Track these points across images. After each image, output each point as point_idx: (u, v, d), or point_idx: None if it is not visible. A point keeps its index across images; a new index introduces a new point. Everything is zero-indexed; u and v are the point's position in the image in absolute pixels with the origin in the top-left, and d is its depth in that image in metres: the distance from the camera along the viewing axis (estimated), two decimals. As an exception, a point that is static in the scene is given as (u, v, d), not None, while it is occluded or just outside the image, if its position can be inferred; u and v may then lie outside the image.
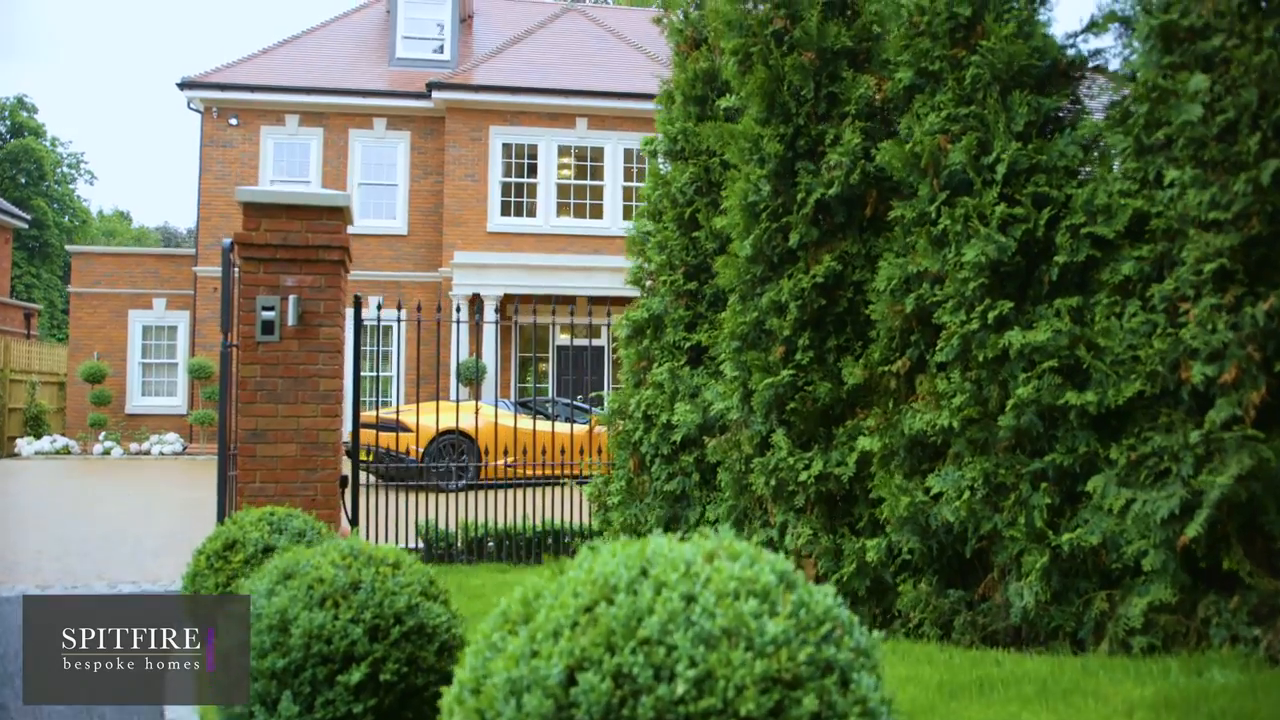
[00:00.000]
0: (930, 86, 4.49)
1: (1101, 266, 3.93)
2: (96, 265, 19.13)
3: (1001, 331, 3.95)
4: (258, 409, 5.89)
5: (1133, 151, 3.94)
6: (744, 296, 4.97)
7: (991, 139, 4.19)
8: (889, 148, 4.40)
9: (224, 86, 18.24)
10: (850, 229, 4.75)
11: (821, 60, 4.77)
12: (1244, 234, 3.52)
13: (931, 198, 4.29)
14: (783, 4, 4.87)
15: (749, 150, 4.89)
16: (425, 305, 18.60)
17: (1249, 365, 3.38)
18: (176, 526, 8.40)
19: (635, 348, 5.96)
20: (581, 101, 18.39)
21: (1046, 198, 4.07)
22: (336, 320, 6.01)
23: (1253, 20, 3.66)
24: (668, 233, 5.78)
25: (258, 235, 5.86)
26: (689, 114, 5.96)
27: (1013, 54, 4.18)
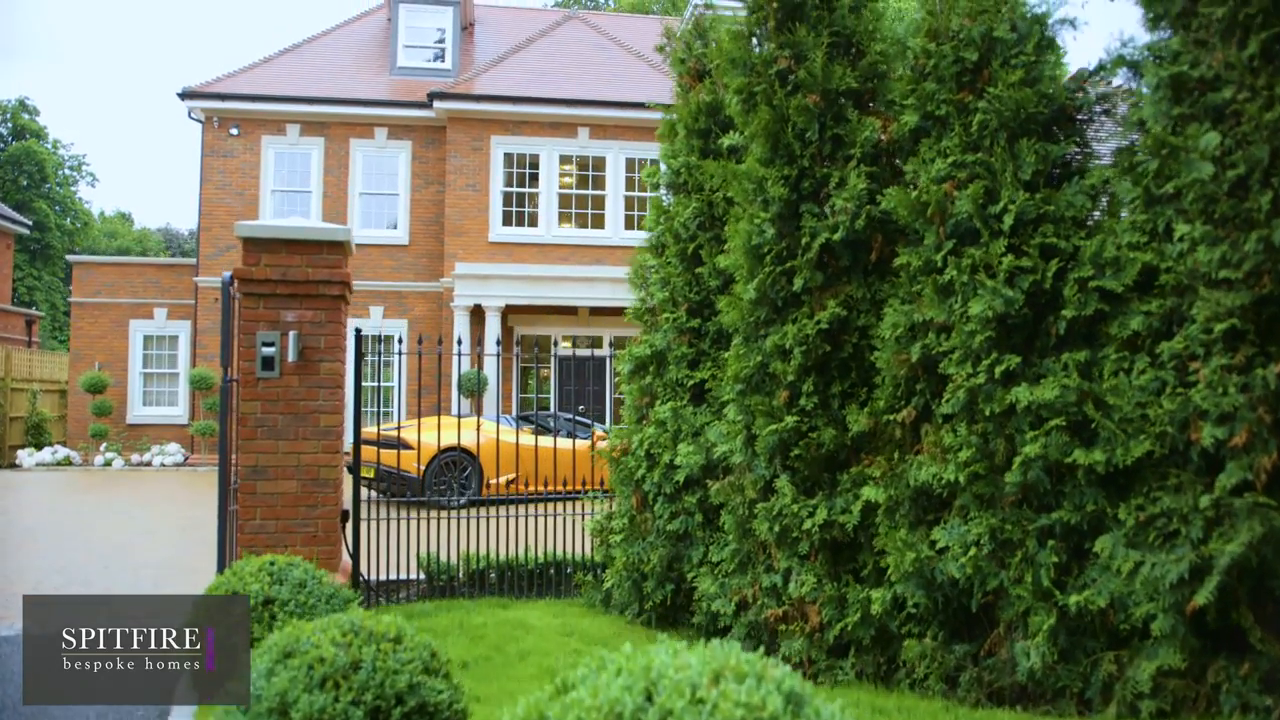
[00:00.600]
0: (936, 130, 4.46)
1: (1110, 320, 3.89)
2: (97, 275, 19.10)
3: (1009, 387, 3.91)
4: (258, 445, 5.85)
5: (1142, 202, 3.89)
6: (748, 338, 4.93)
7: (999, 188, 4.15)
8: (895, 194, 4.36)
9: (225, 96, 18.20)
10: (855, 272, 4.71)
11: (826, 101, 4.73)
12: (1255, 293, 3.47)
13: (938, 246, 4.25)
14: (787, 44, 4.83)
15: (753, 191, 4.85)
16: (426, 316, 18.57)
17: (1260, 429, 3.34)
18: (177, 552, 8.36)
19: (638, 383, 5.92)
20: (583, 111, 18.34)
21: (1054, 249, 4.03)
22: (337, 355, 5.97)
23: (1264, 74, 3.62)
24: (670, 269, 5.74)
25: (257, 270, 5.82)
26: (692, 147, 5.92)
27: (1020, 101, 4.14)
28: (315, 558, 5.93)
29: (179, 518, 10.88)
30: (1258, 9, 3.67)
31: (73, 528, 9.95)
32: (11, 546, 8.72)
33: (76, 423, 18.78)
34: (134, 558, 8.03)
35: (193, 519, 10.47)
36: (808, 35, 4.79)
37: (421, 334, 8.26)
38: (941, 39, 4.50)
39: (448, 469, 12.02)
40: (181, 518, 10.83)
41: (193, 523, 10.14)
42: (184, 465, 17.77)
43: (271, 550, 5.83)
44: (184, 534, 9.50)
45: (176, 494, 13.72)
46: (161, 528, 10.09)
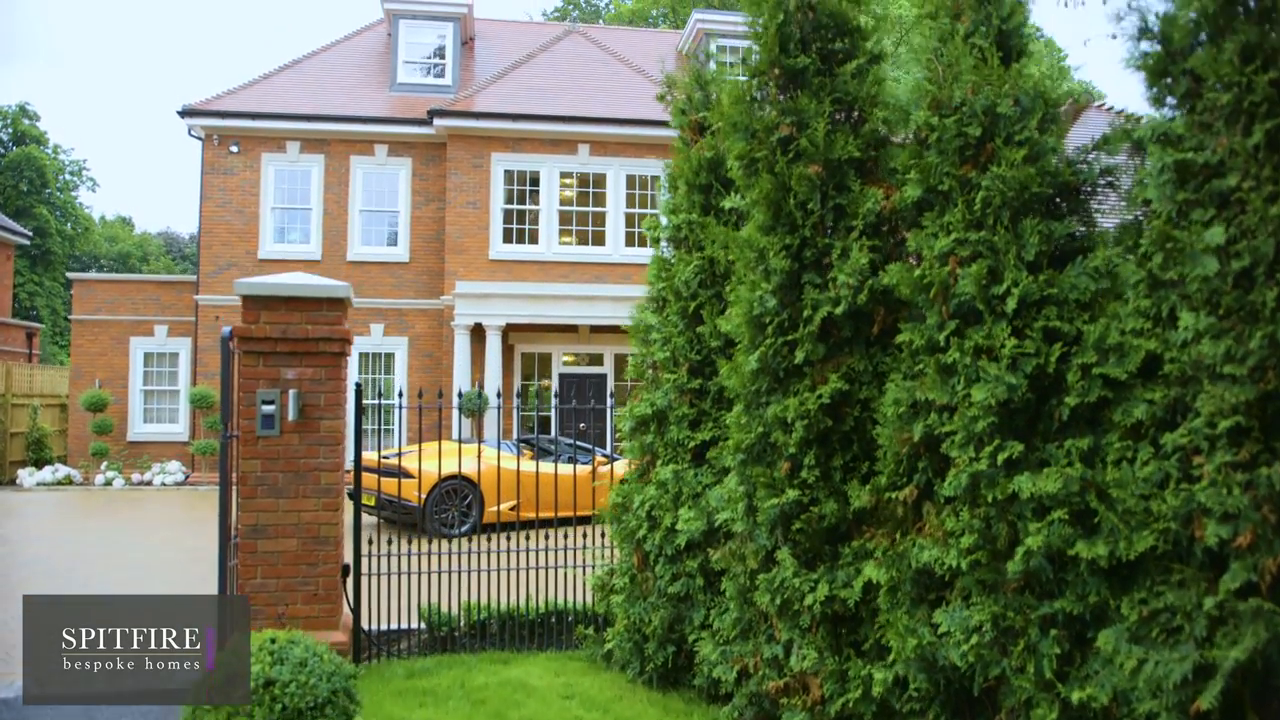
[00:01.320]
0: (939, 204, 4.43)
1: (1113, 406, 3.86)
2: (98, 292, 19.09)
3: (1011, 475, 3.89)
4: (258, 503, 5.85)
5: (1145, 286, 3.87)
6: (749, 406, 4.91)
7: (1002, 268, 4.12)
8: (897, 271, 4.34)
9: (225, 114, 18.19)
10: (857, 343, 4.69)
11: (828, 171, 4.71)
12: (1260, 388, 3.45)
13: (940, 325, 4.23)
14: (789, 110, 4.81)
15: (754, 260, 4.83)
16: (427, 334, 18.55)
17: (1264, 529, 3.32)
18: (179, 591, 8.35)
19: (639, 441, 5.90)
20: (583, 128, 18.32)
21: (1058, 332, 4.01)
22: (337, 413, 5.96)
23: (1268, 165, 3.59)
24: (671, 328, 5.72)
25: (257, 329, 5.81)
26: (693, 203, 5.90)
27: (1023, 181, 4.12)
28: (317, 614, 5.93)
29: (180, 550, 10.86)
30: (1262, 98, 3.64)
31: (70, 562, 9.93)
32: (11, 584, 8.70)
33: (77, 440, 18.78)
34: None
35: (195, 550, 10.46)
36: (810, 103, 4.77)
37: (422, 351, 8.21)
38: (944, 110, 4.48)
39: (449, 497, 12.00)
40: (183, 550, 10.81)
41: (195, 556, 10.12)
42: (184, 484, 17.77)
43: (272, 609, 5.83)
44: (185, 569, 9.49)
45: (177, 518, 13.70)
46: (160, 563, 10.07)
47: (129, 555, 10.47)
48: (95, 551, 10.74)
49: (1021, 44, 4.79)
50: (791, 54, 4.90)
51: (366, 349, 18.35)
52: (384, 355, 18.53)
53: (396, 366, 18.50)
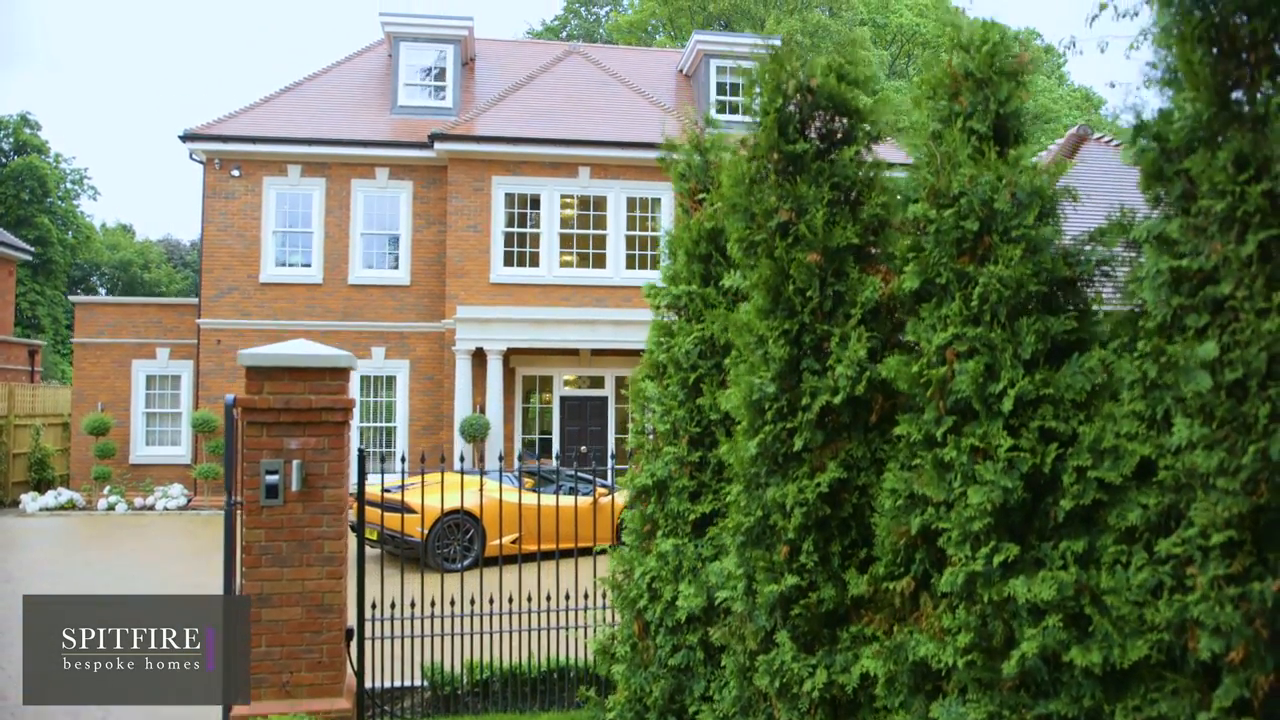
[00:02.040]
0: (937, 295, 4.47)
1: (1108, 509, 3.90)
2: (100, 315, 19.16)
3: (1007, 577, 3.93)
4: (262, 573, 5.89)
5: (1140, 388, 3.91)
6: (749, 487, 4.95)
7: (999, 366, 4.16)
8: (895, 365, 4.38)
9: (226, 138, 18.26)
10: (856, 429, 4.73)
11: (826, 258, 4.75)
12: (1253, 501, 3.49)
13: (937, 420, 4.27)
14: (788, 196, 4.85)
15: (754, 344, 4.87)
16: (428, 356, 18.61)
17: (1256, 645, 3.36)
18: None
19: (639, 509, 5.94)
20: (584, 151, 18.38)
21: (1054, 433, 4.05)
22: (340, 482, 6.01)
23: (1261, 277, 3.63)
24: (671, 400, 5.76)
25: (260, 400, 5.86)
26: (693, 273, 5.94)
27: (1020, 280, 4.16)
28: (320, 681, 5.98)
29: (185, 588, 10.89)
30: (1255, 208, 3.69)
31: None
32: (10, 637, 8.73)
33: (80, 462, 18.84)
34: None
35: (201, 590, 10.49)
36: (809, 189, 4.81)
37: (424, 374, 8.28)
38: (942, 201, 4.51)
39: (451, 532, 12.06)
40: (188, 588, 10.85)
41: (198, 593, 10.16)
42: (186, 508, 17.82)
43: (277, 677, 5.88)
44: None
45: (181, 548, 13.75)
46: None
47: (131, 588, 10.52)
48: (101, 588, 10.78)
49: (1019, 126, 4.83)
50: (790, 138, 4.94)
51: (368, 372, 18.43)
52: (385, 378, 18.58)
53: (398, 389, 18.55)
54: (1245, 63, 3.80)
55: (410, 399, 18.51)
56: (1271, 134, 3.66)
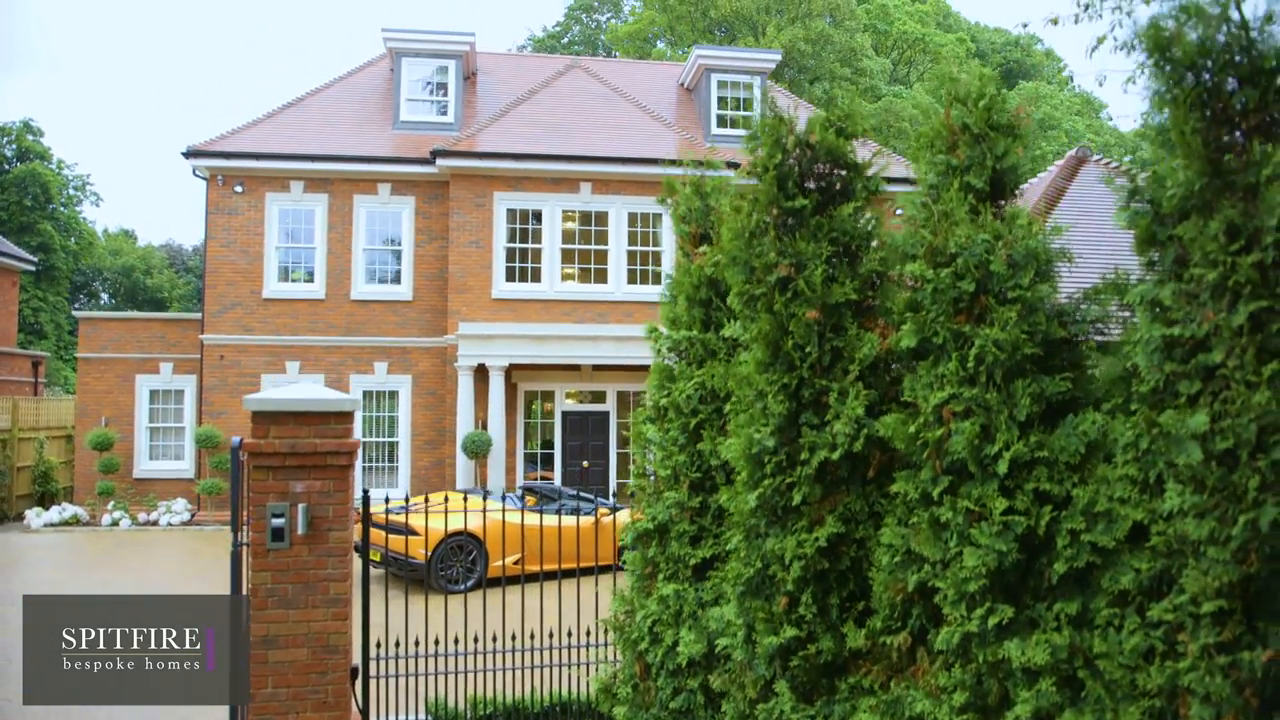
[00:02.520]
0: (934, 353, 4.54)
1: (1102, 571, 3.97)
2: (103, 330, 19.24)
3: (1001, 639, 4.00)
4: (269, 615, 5.96)
5: (1133, 452, 3.98)
6: (749, 537, 5.03)
7: (994, 427, 4.23)
8: (892, 423, 4.45)
9: (229, 155, 18.34)
10: (854, 483, 4.80)
11: (825, 314, 4.82)
12: (1243, 570, 3.56)
13: (934, 479, 4.34)
14: (787, 252, 4.92)
15: (753, 398, 4.94)
16: (430, 371, 18.69)
17: (1247, 714, 3.43)
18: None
19: (640, 552, 6.02)
20: (585, 167, 18.46)
21: (1048, 495, 4.12)
22: (345, 524, 6.08)
23: (1251, 348, 3.70)
24: (672, 445, 5.83)
25: (266, 444, 5.93)
26: (694, 318, 6.02)
27: (1015, 343, 4.23)
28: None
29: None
30: (1246, 279, 3.75)
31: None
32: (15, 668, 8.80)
33: (83, 476, 18.93)
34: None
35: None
36: (807, 245, 4.89)
37: (426, 389, 8.38)
38: (939, 259, 4.59)
39: (454, 553, 12.13)
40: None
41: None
42: (190, 524, 17.90)
43: (283, 718, 5.95)
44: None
45: (186, 567, 13.81)
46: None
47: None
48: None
49: (1016, 180, 4.90)
50: (790, 193, 5.01)
51: (370, 387, 18.51)
52: (388, 393, 18.66)
53: (400, 404, 18.63)
54: (1237, 129, 3.87)
55: (413, 414, 18.59)
56: (1263, 204, 3.73)
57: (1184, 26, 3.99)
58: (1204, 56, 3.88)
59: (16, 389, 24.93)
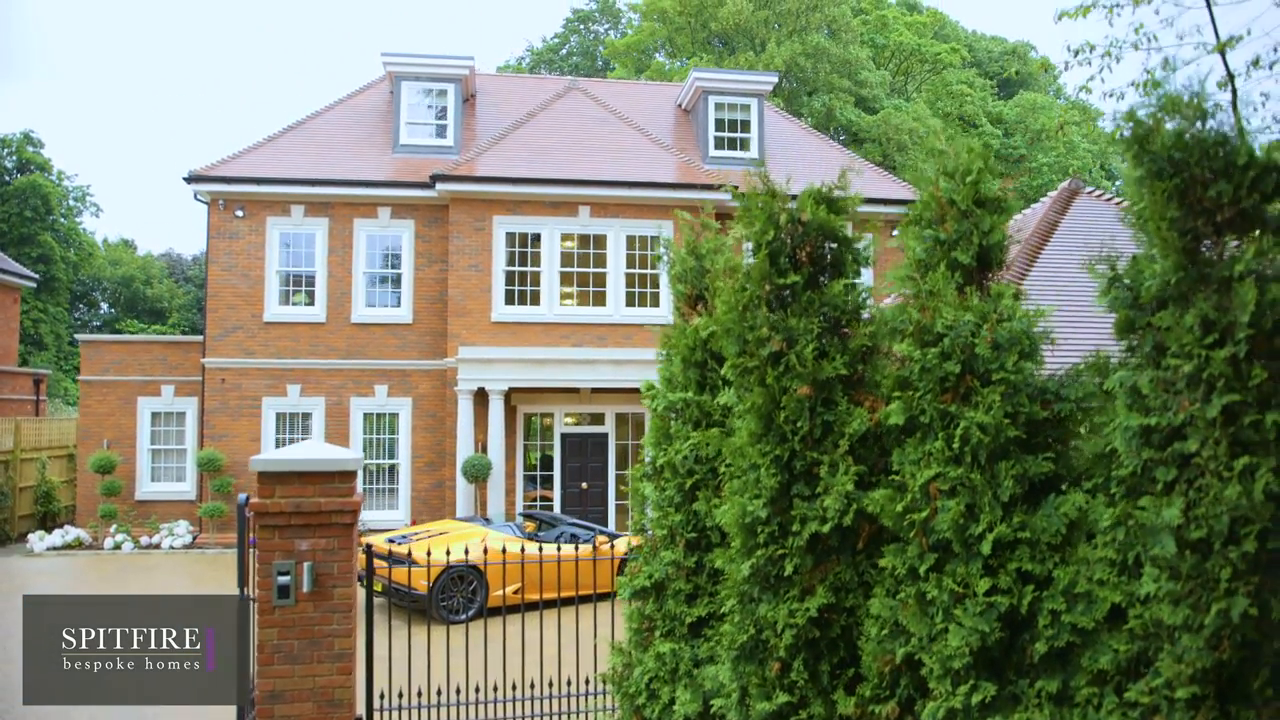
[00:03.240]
0: (922, 431, 4.69)
1: (1081, 650, 4.11)
2: (105, 353, 19.38)
3: (985, 715, 4.14)
4: (275, 670, 6.10)
5: (1113, 535, 4.13)
6: (743, 602, 5.17)
7: (979, 507, 4.38)
8: (881, 499, 4.59)
9: (230, 180, 18.49)
10: (844, 553, 4.94)
11: (816, 389, 4.97)
12: (1215, 656, 3.70)
13: (920, 555, 4.49)
14: (779, 328, 5.07)
15: (747, 469, 5.09)
16: (430, 394, 18.82)
17: (1219, 798, 3.57)
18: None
19: (639, 608, 6.16)
20: (584, 190, 18.62)
21: (1030, 575, 4.26)
22: (349, 580, 6.21)
23: (1224, 441, 3.85)
24: (668, 506, 5.98)
25: (272, 503, 6.07)
26: (689, 380, 6.16)
27: (1000, 426, 4.38)
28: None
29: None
30: (1220, 373, 3.91)
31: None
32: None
33: (86, 499, 19.05)
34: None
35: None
36: (798, 322, 5.03)
37: (426, 412, 8.53)
38: (926, 338, 4.73)
39: (455, 584, 12.26)
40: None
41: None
42: (192, 547, 18.02)
43: (288, 771, 6.07)
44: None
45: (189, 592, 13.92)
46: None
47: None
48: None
49: (1002, 255, 5.05)
50: (782, 269, 5.16)
51: (371, 410, 18.67)
52: (388, 416, 18.80)
53: (400, 426, 18.77)
54: (1213, 221, 4.03)
55: (413, 436, 18.73)
56: (1236, 299, 3.88)
57: (1162, 119, 4.15)
58: (1180, 150, 4.04)
59: (18, 407, 25.06)
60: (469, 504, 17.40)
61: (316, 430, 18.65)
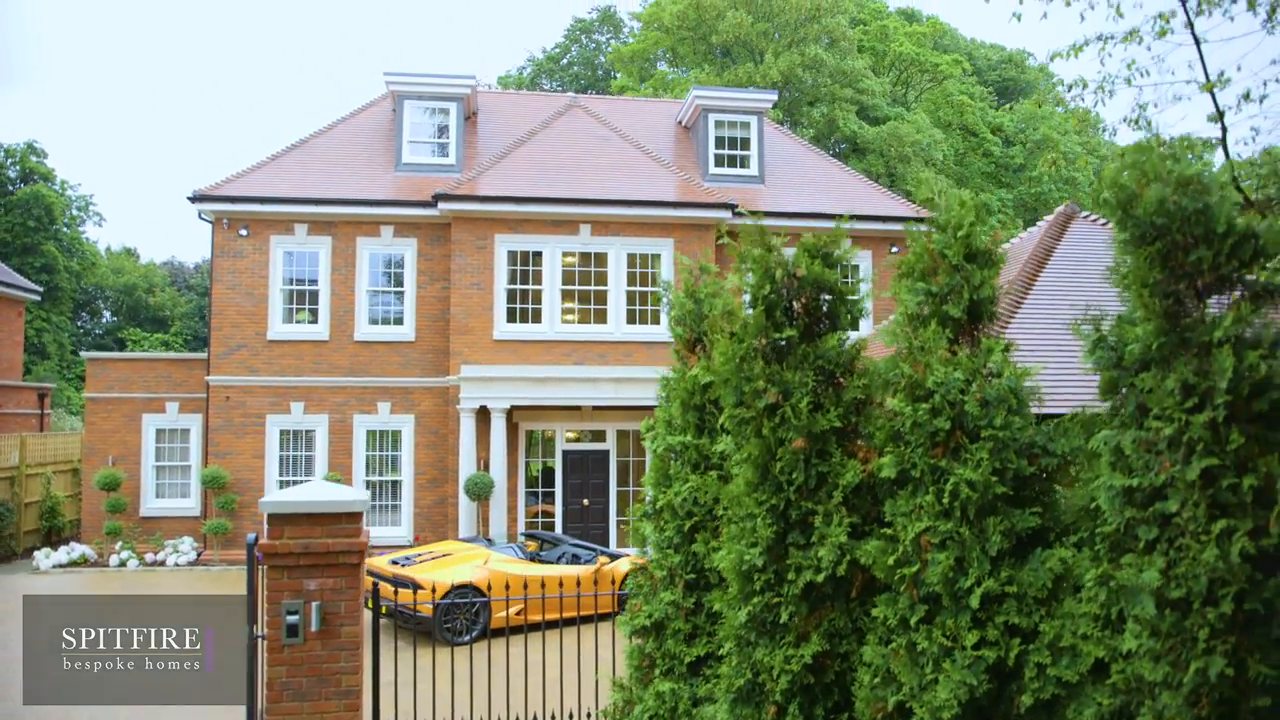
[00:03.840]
0: (913, 484, 4.84)
1: (1067, 703, 4.26)
2: (111, 371, 19.54)
3: (975, 768, 4.28)
4: (284, 707, 6.24)
5: (1096, 592, 4.27)
6: (740, 645, 5.31)
7: (968, 561, 4.52)
8: (873, 551, 4.74)
9: (234, 199, 18.65)
10: (838, 600, 5.09)
11: (810, 441, 5.12)
12: (1195, 713, 3.85)
13: (911, 607, 4.64)
14: (775, 381, 5.22)
15: (744, 518, 5.23)
16: (432, 411, 18.97)
17: None
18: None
19: (639, 646, 6.30)
20: (585, 209, 18.78)
21: (1017, 628, 4.41)
22: (356, 619, 6.36)
23: (1203, 504, 3.99)
24: (668, 549, 6.12)
25: (281, 545, 6.22)
26: (688, 423, 6.31)
27: (987, 483, 4.52)
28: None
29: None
30: (1199, 436, 4.05)
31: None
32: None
33: (91, 515, 19.21)
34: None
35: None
36: (793, 375, 5.18)
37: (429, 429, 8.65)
38: (918, 395, 4.88)
39: (458, 605, 12.40)
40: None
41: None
42: (197, 564, 18.16)
43: (296, 806, 6.21)
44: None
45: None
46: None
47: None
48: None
49: (992, 308, 5.20)
50: (778, 323, 5.31)
51: (374, 427, 18.82)
52: (391, 433, 18.95)
53: (403, 443, 18.91)
54: (1194, 285, 4.19)
55: (415, 453, 18.87)
56: (1215, 365, 4.03)
57: (1146, 185, 4.31)
58: (1162, 216, 4.19)
59: (22, 422, 25.24)
60: (471, 520, 17.54)
61: (320, 447, 18.81)
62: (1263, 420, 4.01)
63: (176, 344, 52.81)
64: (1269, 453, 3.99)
